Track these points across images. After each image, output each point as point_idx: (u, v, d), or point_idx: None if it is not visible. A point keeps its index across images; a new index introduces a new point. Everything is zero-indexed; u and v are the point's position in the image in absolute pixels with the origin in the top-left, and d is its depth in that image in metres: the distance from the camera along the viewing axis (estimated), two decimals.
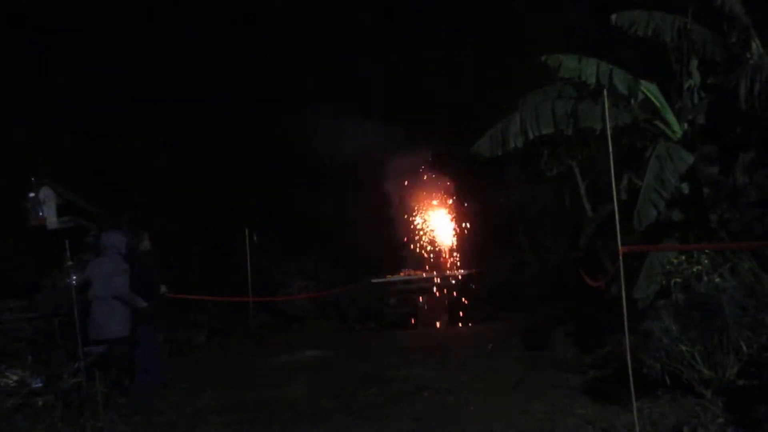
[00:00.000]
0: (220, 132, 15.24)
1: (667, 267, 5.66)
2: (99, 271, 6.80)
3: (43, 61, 12.31)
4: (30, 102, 12.09)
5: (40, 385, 6.01)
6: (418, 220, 13.52)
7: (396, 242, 13.46)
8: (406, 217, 13.48)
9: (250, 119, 15.31)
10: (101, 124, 13.07)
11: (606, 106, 4.71)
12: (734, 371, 4.79)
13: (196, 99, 14.58)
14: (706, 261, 5.50)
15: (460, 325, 10.92)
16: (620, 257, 4.46)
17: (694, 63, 6.56)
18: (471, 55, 14.02)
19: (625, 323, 4.31)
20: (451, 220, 13.39)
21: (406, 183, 13.25)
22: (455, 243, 13.27)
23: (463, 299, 11.52)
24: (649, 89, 6.51)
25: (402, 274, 12.19)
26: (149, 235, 7.72)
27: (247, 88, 14.94)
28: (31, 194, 6.60)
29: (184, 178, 14.10)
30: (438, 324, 11.06)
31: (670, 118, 6.53)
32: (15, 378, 6.00)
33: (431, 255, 13.32)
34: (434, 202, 13.48)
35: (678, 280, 5.53)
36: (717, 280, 5.29)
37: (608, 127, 4.60)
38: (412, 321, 11.29)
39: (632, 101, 6.36)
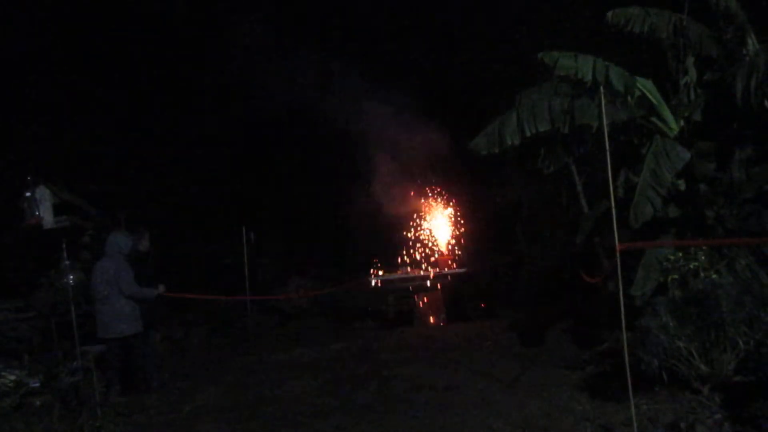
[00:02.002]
0: (218, 129, 15.18)
1: (664, 263, 5.67)
2: (104, 272, 6.81)
3: (39, 59, 12.28)
4: (26, 100, 12.07)
5: (37, 384, 6.03)
6: (415, 218, 13.50)
7: (393, 240, 13.44)
8: (403, 215, 13.46)
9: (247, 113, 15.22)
10: (98, 121, 13.05)
11: (602, 103, 4.70)
12: (731, 367, 4.81)
13: (192, 95, 14.55)
14: (702, 257, 5.51)
15: (457, 322, 10.91)
16: (617, 254, 4.47)
17: (691, 59, 6.57)
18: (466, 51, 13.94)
19: (623, 320, 4.32)
20: (449, 218, 13.37)
21: (403, 176, 13.19)
22: (452, 240, 13.24)
23: (461, 297, 11.51)
24: (646, 86, 6.50)
25: (399, 272, 12.16)
26: (148, 234, 7.72)
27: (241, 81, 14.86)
28: (27, 193, 6.57)
29: (181, 177, 14.09)
30: (436, 322, 11.05)
31: (667, 114, 6.54)
32: (12, 378, 6.01)
33: (428, 253, 13.30)
34: (432, 199, 13.46)
35: (675, 276, 5.55)
36: (714, 276, 5.32)
37: (605, 124, 4.60)
38: (410, 319, 11.27)
39: (629, 98, 6.35)
